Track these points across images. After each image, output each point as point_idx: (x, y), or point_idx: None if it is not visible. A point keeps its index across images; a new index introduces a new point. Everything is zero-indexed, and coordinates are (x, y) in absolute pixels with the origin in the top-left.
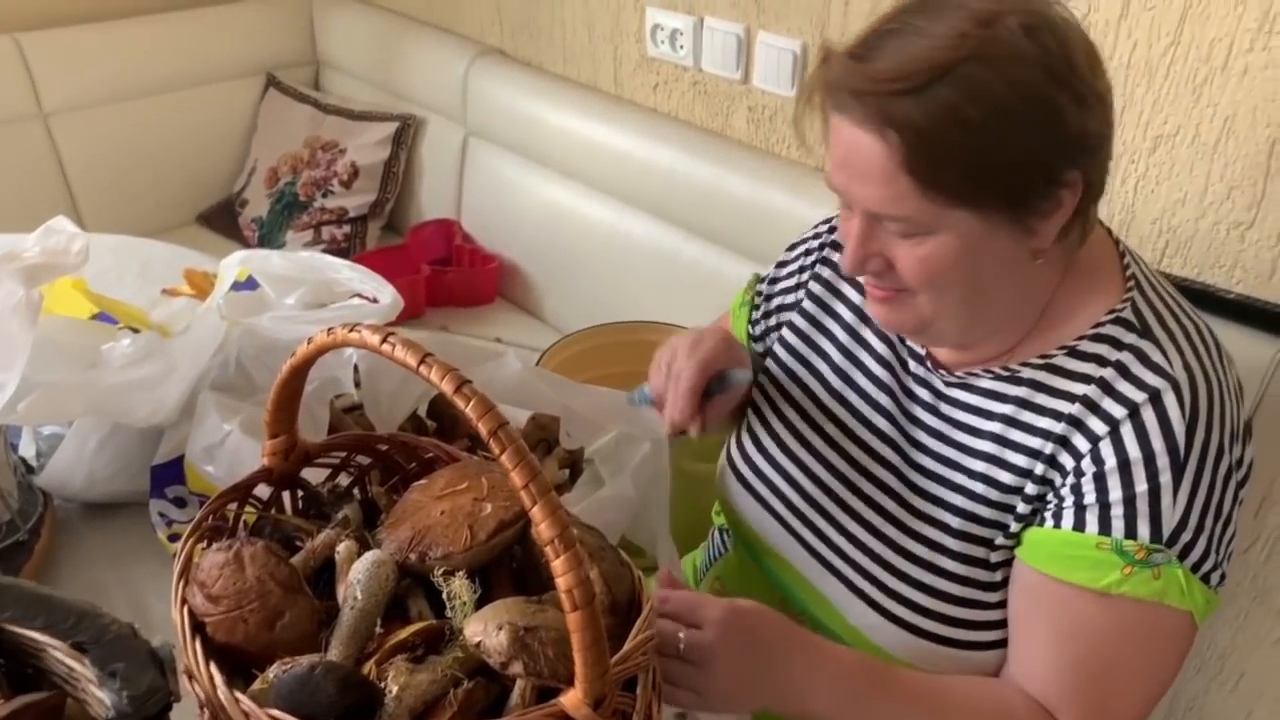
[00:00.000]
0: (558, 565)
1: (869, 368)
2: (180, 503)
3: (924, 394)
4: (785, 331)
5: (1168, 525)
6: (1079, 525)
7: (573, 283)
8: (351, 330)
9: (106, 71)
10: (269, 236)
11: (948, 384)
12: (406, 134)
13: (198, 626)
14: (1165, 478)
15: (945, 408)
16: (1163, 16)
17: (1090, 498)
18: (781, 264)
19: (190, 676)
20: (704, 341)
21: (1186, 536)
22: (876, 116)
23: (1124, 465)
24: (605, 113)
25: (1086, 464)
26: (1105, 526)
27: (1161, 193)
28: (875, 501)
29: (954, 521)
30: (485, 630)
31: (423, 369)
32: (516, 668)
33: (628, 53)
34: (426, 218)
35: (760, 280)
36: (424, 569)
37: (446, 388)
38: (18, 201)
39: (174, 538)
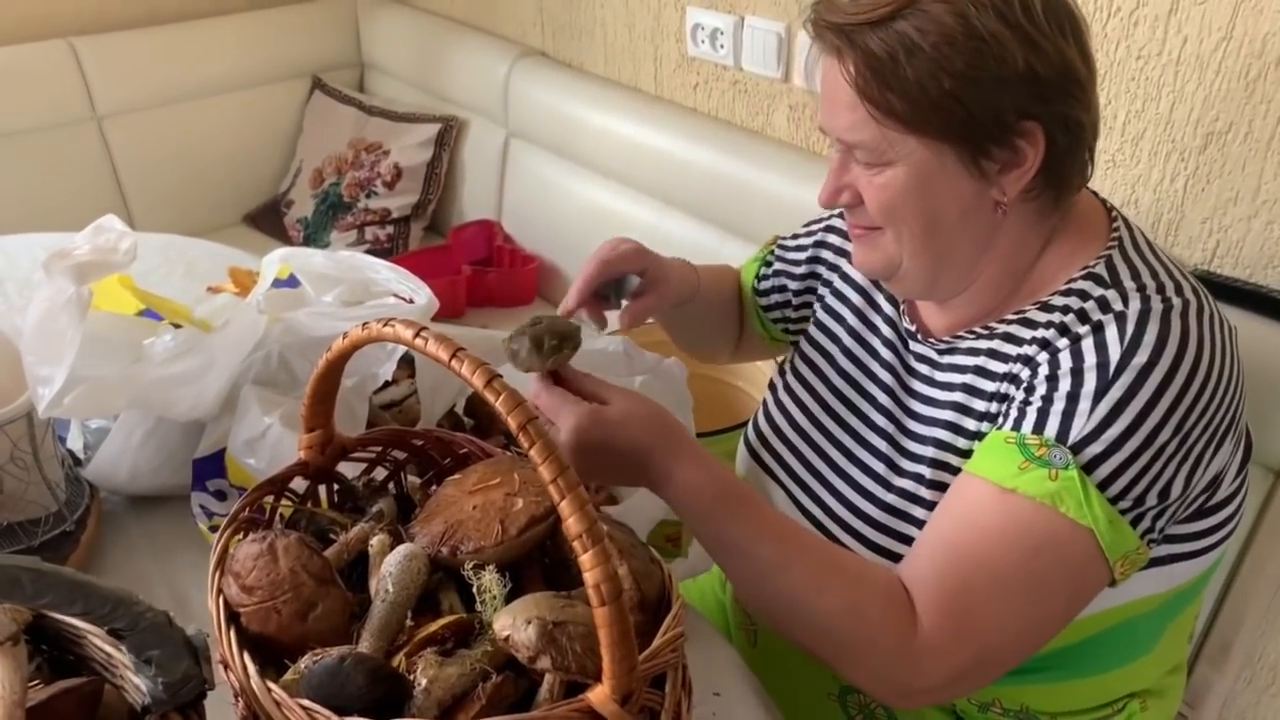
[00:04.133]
0: (585, 560)
1: (877, 350)
2: (221, 495)
3: (922, 368)
4: (810, 326)
5: (1076, 431)
6: (1001, 425)
7: None
8: (386, 325)
9: (158, 75)
10: (314, 237)
11: (940, 352)
12: (449, 135)
13: (232, 616)
14: (1088, 387)
15: (938, 374)
16: (1214, 11)
17: (1018, 403)
18: (795, 235)
19: (225, 666)
20: (618, 247)
21: (1095, 449)
22: (839, 45)
23: (1052, 377)
24: (646, 113)
25: (1024, 385)
26: (1019, 423)
27: (1212, 191)
28: (865, 464)
29: (928, 473)
30: (514, 624)
31: (454, 363)
32: (544, 662)
33: (668, 53)
34: (468, 218)
35: (776, 240)
36: (455, 563)
37: (477, 382)
38: (72, 202)
39: (215, 529)
